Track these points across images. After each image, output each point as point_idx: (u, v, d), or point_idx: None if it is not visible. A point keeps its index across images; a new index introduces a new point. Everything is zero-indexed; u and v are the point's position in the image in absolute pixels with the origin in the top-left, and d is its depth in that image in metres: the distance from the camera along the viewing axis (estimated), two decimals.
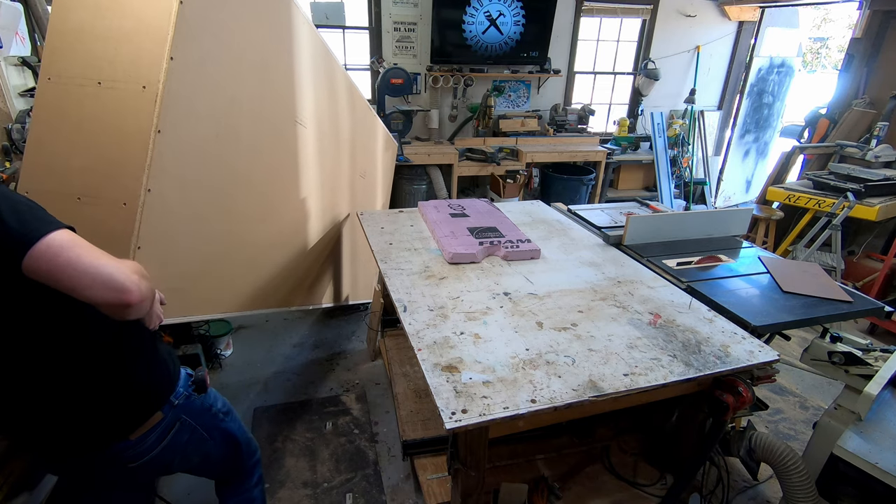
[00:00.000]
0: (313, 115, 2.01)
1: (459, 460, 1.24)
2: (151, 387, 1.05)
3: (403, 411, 2.00)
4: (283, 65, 1.77)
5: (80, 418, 0.96)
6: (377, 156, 2.79)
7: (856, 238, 3.65)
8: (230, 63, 1.51)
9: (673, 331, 1.39)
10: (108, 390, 0.97)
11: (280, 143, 1.84)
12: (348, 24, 4.04)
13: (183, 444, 1.12)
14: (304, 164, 2.00)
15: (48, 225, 0.79)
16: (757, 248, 2.06)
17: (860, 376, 1.52)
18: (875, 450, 1.43)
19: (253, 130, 1.67)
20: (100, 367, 0.96)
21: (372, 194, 2.88)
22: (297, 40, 1.82)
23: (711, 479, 1.64)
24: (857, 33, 3.79)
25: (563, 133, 4.69)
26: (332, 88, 2.16)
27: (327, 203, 2.32)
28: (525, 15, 4.16)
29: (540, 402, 1.09)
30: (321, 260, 2.39)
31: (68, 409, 0.94)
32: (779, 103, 5.42)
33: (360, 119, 2.48)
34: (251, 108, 1.64)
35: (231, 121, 1.56)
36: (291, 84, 1.83)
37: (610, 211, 2.42)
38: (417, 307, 1.46)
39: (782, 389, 2.55)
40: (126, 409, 1.01)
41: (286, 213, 1.99)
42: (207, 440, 1.18)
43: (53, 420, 0.95)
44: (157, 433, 1.05)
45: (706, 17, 4.91)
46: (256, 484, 1.43)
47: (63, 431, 0.97)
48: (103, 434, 0.99)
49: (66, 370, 0.92)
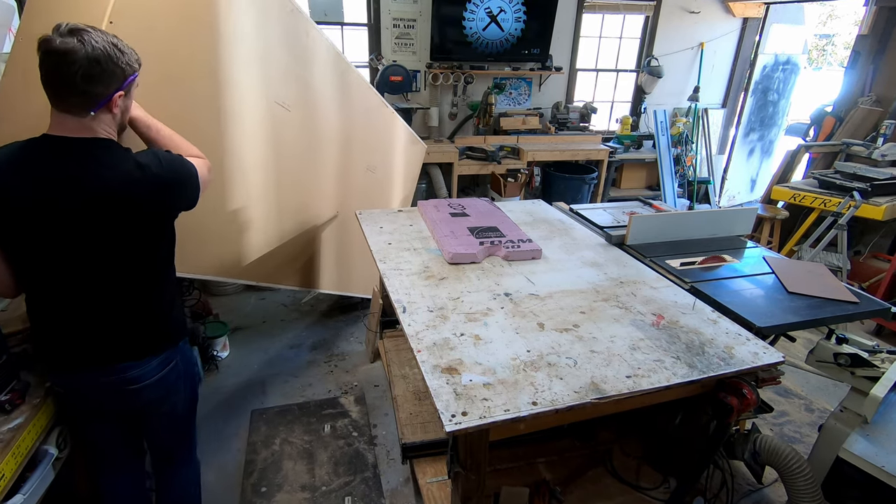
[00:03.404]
0: (299, 100, 2.01)
1: (459, 463, 1.22)
2: (172, 323, 1.28)
3: (403, 413, 1.99)
4: (251, 38, 1.74)
5: (117, 329, 1.17)
6: (392, 151, 2.79)
7: (862, 238, 3.62)
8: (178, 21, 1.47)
9: (676, 332, 1.38)
10: (144, 312, 1.20)
11: (253, 115, 1.83)
12: (347, 20, 4.03)
13: (170, 382, 1.29)
14: (284, 143, 2.01)
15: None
16: (761, 248, 2.04)
17: (866, 378, 1.50)
18: (882, 453, 1.42)
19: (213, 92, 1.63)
20: (149, 291, 1.19)
21: (385, 189, 2.87)
22: (286, 21, 1.82)
23: (715, 483, 1.62)
24: (863, 30, 3.75)
25: (564, 131, 4.66)
26: (328, 77, 2.16)
27: (315, 191, 2.31)
28: (526, 11, 4.13)
29: (541, 404, 1.08)
30: (314, 245, 2.40)
31: (129, 315, 1.17)
32: (784, 101, 5.38)
33: (365, 111, 2.47)
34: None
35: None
36: (266, 62, 1.81)
37: (612, 210, 2.40)
38: (417, 308, 1.44)
39: (787, 392, 2.53)
40: (149, 333, 1.22)
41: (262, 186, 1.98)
42: (181, 391, 1.35)
43: (97, 324, 1.15)
44: (158, 362, 1.24)
45: (710, 14, 4.87)
46: (196, 491, 1.53)
47: (98, 337, 1.16)
48: (126, 347, 1.19)
49: (128, 285, 1.15)
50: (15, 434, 1.15)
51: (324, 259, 2.52)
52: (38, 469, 1.23)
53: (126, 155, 1.08)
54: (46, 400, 1.28)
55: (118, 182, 1.04)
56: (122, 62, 1.04)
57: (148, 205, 1.10)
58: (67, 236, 1.05)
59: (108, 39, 1.02)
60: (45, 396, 1.28)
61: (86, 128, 1.04)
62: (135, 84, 1.13)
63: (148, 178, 1.07)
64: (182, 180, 1.16)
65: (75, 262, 1.08)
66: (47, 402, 1.28)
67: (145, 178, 1.07)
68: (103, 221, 1.05)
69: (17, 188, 1.01)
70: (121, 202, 1.05)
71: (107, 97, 1.04)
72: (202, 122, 1.62)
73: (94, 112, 1.04)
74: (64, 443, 1.34)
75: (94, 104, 1.03)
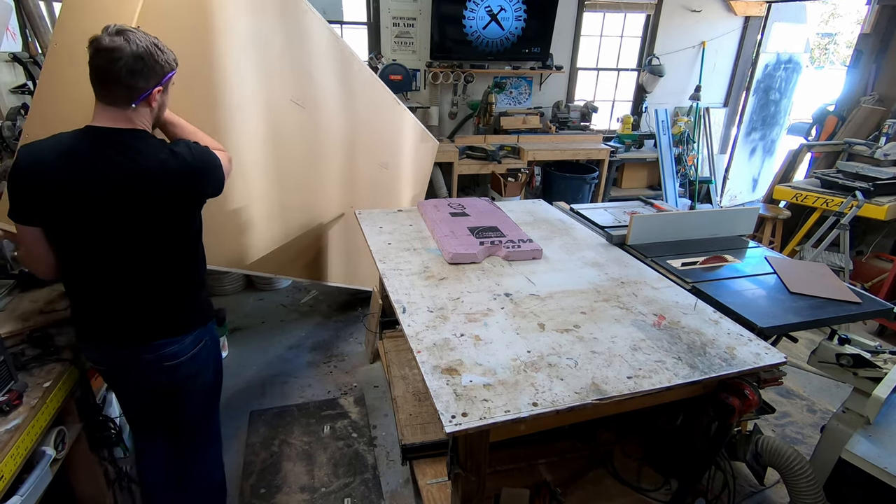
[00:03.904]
0: (313, 98, 2.09)
1: (459, 465, 1.22)
2: (202, 303, 1.40)
3: (402, 414, 1.98)
4: (276, 43, 1.87)
5: (155, 307, 1.28)
6: (404, 148, 2.80)
7: (864, 238, 3.60)
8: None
9: (678, 332, 1.37)
10: (179, 291, 1.31)
11: (270, 116, 1.93)
12: (346, 19, 4.02)
13: (202, 359, 1.40)
14: (299, 139, 2.09)
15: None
16: (763, 248, 2.04)
17: (869, 379, 1.50)
18: (884, 454, 1.42)
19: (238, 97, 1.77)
20: (182, 272, 1.31)
21: (397, 185, 2.88)
22: (298, 23, 1.90)
23: (717, 484, 1.62)
24: (865, 28, 3.73)
25: (565, 130, 4.65)
26: (339, 74, 2.20)
27: (329, 187, 2.36)
28: (527, 10, 4.12)
29: (542, 405, 1.07)
30: (322, 239, 2.44)
31: (164, 295, 1.28)
32: (786, 100, 5.36)
33: (378, 109, 2.51)
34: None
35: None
36: (289, 63, 1.94)
37: (613, 210, 2.39)
38: (417, 308, 1.44)
39: (789, 392, 2.52)
40: (184, 313, 1.34)
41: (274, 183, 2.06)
42: (211, 367, 1.46)
43: (137, 303, 1.25)
44: (191, 340, 1.35)
45: (712, 12, 4.85)
46: (220, 470, 1.63)
47: (139, 315, 1.27)
48: (164, 326, 1.30)
49: (164, 266, 1.26)
50: (13, 435, 1.14)
51: (334, 253, 2.56)
52: (35, 470, 1.23)
53: (161, 144, 1.20)
54: (45, 401, 1.28)
55: (155, 168, 1.15)
56: (161, 59, 1.15)
57: (181, 188, 1.21)
58: (109, 219, 1.15)
59: (149, 40, 1.13)
60: (42, 397, 1.27)
61: (127, 119, 1.15)
62: (171, 81, 1.23)
63: (181, 164, 1.19)
64: (209, 168, 1.27)
65: (116, 243, 1.18)
66: (46, 404, 1.28)
67: (178, 165, 1.18)
68: (141, 204, 1.16)
69: (63, 173, 1.11)
70: (157, 186, 1.16)
71: (147, 91, 1.15)
72: (219, 120, 1.74)
73: (136, 105, 1.15)
74: (62, 444, 1.34)
75: (135, 97, 1.14)
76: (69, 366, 1.38)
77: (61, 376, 1.34)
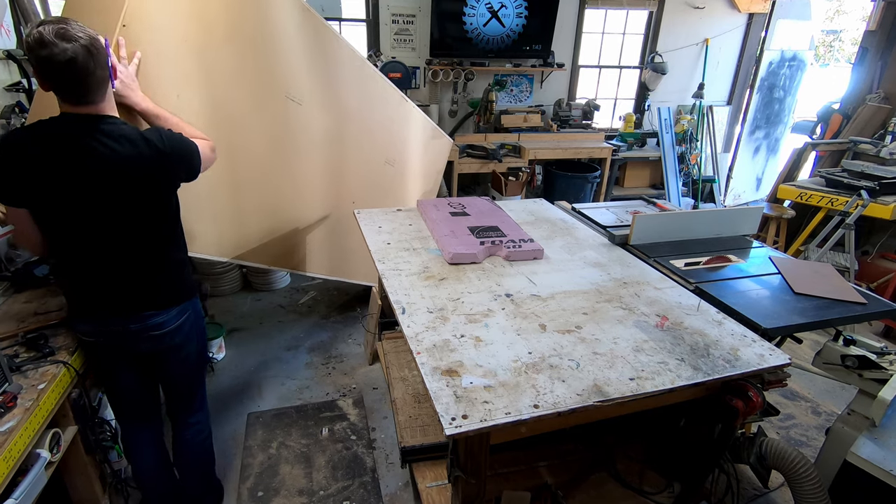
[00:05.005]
0: (310, 94, 2.11)
1: (460, 467, 1.21)
2: (186, 279, 1.48)
3: (402, 417, 1.96)
4: (271, 39, 1.88)
5: (140, 282, 1.36)
6: (410, 144, 2.80)
7: (870, 238, 3.57)
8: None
9: (681, 333, 1.36)
10: (160, 267, 1.39)
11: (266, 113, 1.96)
12: (345, 16, 4.00)
13: (186, 331, 1.49)
14: (295, 136, 2.12)
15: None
16: (767, 248, 2.02)
17: (874, 381, 1.49)
18: (890, 457, 1.41)
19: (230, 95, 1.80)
20: (162, 250, 1.38)
21: (404, 182, 2.88)
22: (287, 17, 1.90)
23: (720, 487, 1.60)
24: (871, 26, 3.70)
25: (566, 129, 4.62)
26: (324, 69, 2.20)
27: (329, 182, 2.39)
28: (528, 7, 4.10)
29: (543, 407, 1.06)
30: (321, 231, 2.47)
31: (145, 272, 1.36)
32: (790, 98, 5.33)
33: (383, 106, 2.52)
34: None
35: None
36: (284, 59, 1.96)
37: (615, 209, 2.37)
38: (416, 309, 1.42)
39: (794, 394, 2.50)
40: (168, 287, 1.42)
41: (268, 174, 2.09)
42: (195, 340, 1.54)
43: (122, 278, 1.33)
44: (176, 312, 1.44)
45: (715, 9, 4.82)
46: (207, 435, 1.72)
47: (125, 289, 1.35)
48: (149, 299, 1.38)
49: (142, 244, 1.33)
50: (7, 438, 1.13)
51: (317, 243, 2.55)
52: (30, 473, 1.22)
53: (134, 130, 1.25)
54: (39, 403, 1.26)
55: (127, 154, 1.20)
56: (93, 34, 1.16)
57: (152, 172, 1.26)
58: (85, 200, 1.21)
59: (80, 28, 1.14)
60: (37, 399, 1.26)
61: (97, 107, 1.21)
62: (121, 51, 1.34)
63: (152, 150, 1.24)
64: (180, 154, 1.32)
65: (95, 225, 1.25)
66: (40, 406, 1.26)
67: (150, 151, 1.24)
68: (115, 188, 1.22)
69: (38, 158, 1.15)
70: (130, 170, 1.22)
71: (110, 73, 1.20)
72: (215, 118, 1.76)
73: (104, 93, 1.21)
74: (57, 447, 1.33)
75: (104, 86, 1.20)
76: (64, 368, 1.37)
77: (56, 378, 1.32)
